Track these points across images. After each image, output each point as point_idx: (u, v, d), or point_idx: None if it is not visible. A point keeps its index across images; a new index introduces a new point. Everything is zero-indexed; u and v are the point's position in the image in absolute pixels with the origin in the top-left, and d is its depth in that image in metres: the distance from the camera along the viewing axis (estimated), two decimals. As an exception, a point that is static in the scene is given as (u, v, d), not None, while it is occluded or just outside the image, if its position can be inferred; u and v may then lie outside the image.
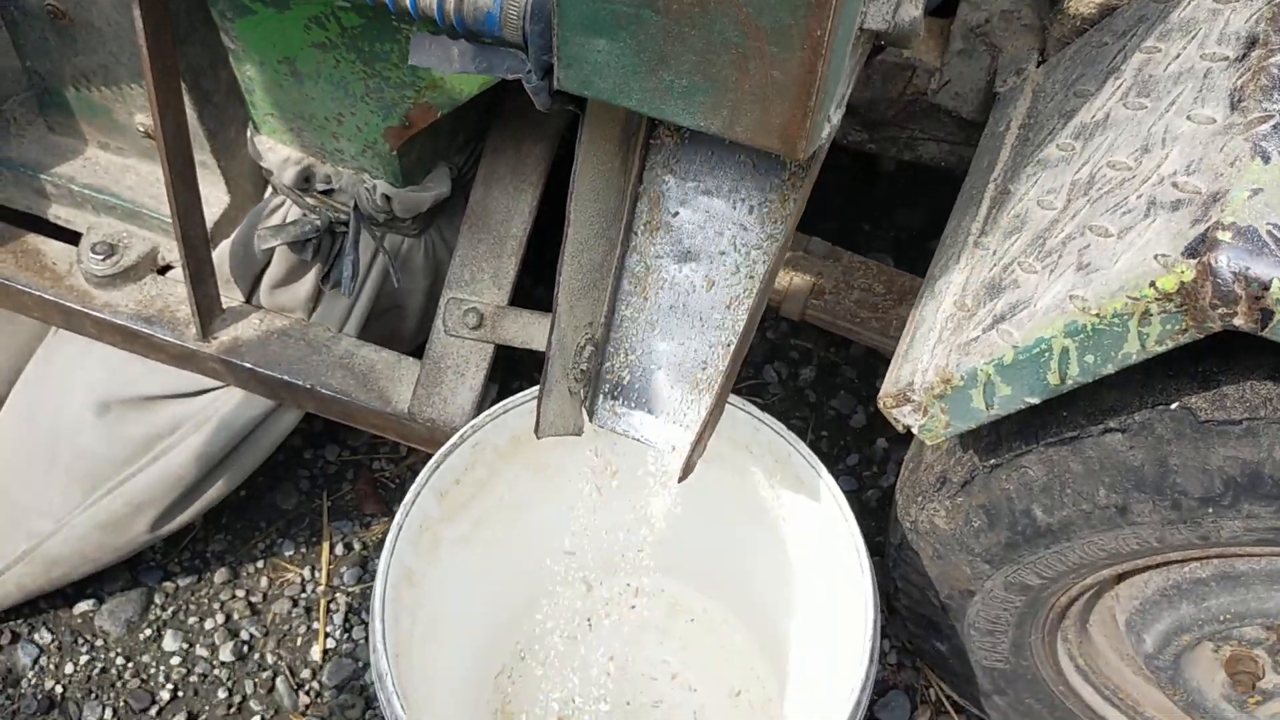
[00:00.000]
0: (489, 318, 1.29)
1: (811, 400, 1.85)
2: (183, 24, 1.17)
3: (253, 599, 1.69)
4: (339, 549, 1.73)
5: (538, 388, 1.20)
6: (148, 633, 1.66)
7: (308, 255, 1.31)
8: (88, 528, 1.48)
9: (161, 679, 1.62)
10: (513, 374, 1.74)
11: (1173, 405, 0.97)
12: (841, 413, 1.83)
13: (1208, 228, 0.77)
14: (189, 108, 1.22)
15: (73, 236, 1.49)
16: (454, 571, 1.36)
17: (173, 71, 1.09)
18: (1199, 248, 0.76)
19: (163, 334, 1.35)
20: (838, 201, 2.01)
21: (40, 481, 1.47)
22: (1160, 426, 0.97)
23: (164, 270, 1.44)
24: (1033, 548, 1.12)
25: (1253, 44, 0.91)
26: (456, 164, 1.31)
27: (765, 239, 1.08)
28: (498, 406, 1.23)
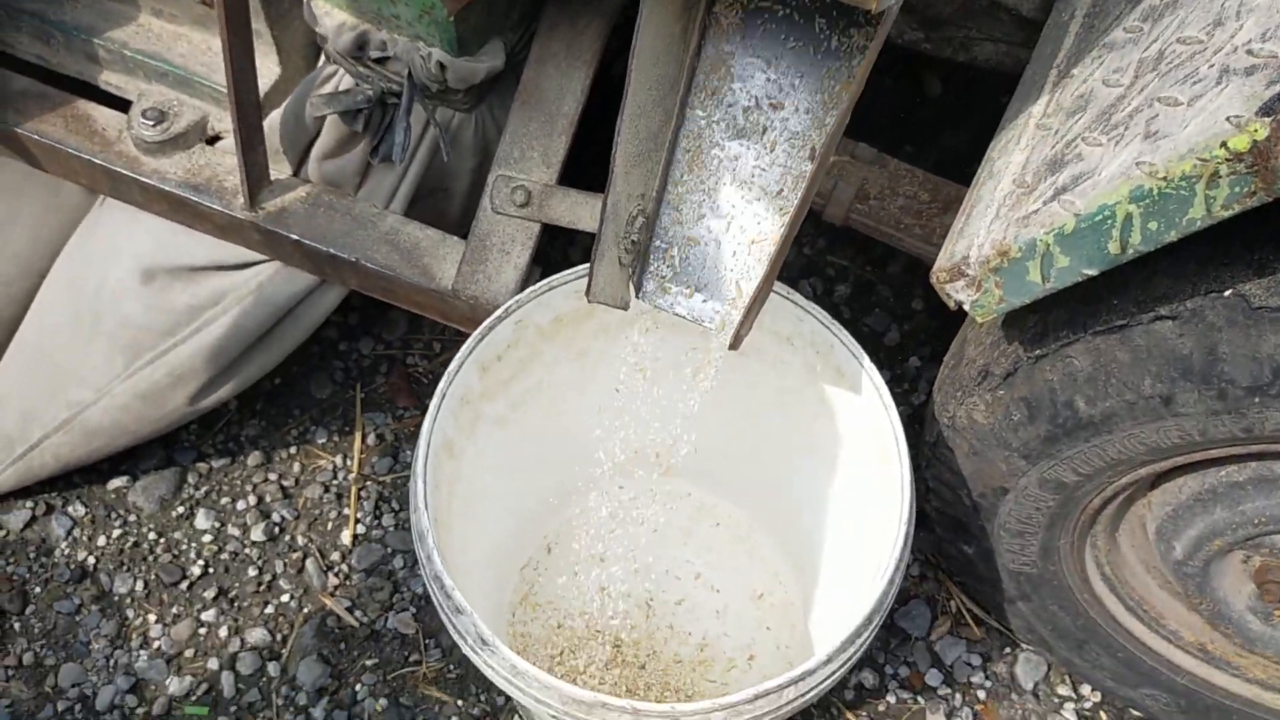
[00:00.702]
0: (536, 196, 1.29)
1: (846, 317, 1.85)
2: (243, -115, 1.17)
3: (285, 483, 1.71)
4: (371, 439, 1.75)
5: (583, 267, 1.21)
6: (180, 510, 1.69)
7: (358, 126, 1.31)
8: (128, 397, 1.50)
9: (193, 555, 1.65)
10: (556, 257, 1.75)
11: (1225, 292, 0.96)
12: (875, 330, 1.83)
13: (1284, 88, 0.76)
14: (246, -27, 1.22)
15: (123, 104, 1.49)
16: (490, 452, 1.37)
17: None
18: (1275, 105, 0.75)
19: (210, 202, 1.36)
20: (882, 122, 2.00)
21: (83, 349, 1.48)
22: (1212, 313, 0.97)
23: (212, 141, 1.44)
24: (1072, 441, 1.13)
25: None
26: (511, 41, 1.31)
27: (821, 119, 1.07)
28: (542, 284, 1.23)
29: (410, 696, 1.54)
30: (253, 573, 1.63)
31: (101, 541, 1.66)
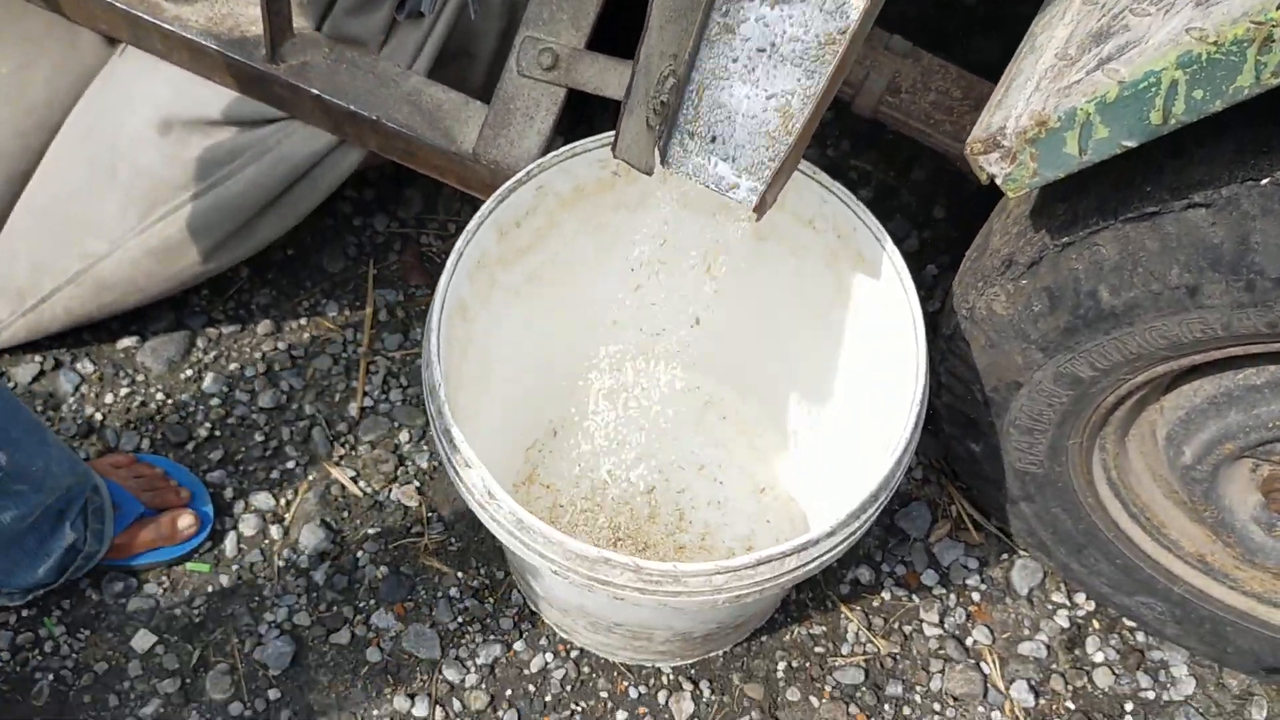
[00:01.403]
0: (564, 59, 1.26)
1: (865, 221, 1.83)
2: None
3: (294, 353, 1.71)
4: (382, 315, 1.74)
5: (607, 134, 1.19)
6: (188, 373, 1.69)
7: (386, -21, 1.29)
8: (140, 252, 1.49)
9: (200, 417, 1.65)
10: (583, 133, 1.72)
11: (1263, 180, 0.95)
12: (896, 236, 1.78)
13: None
14: None
15: (145, -49, 1.46)
16: (504, 322, 1.36)
17: None
18: (1337, -34, 0.73)
19: (231, 53, 1.33)
20: (911, 29, 1.96)
21: (97, 200, 1.47)
22: (1247, 202, 0.96)
23: (236, -9, 1.42)
24: (1092, 334, 1.12)
25: None
26: (545, -102, 1.28)
27: (862, -13, 1.04)
28: (565, 149, 1.21)
29: (411, 566, 1.56)
30: (259, 438, 1.64)
31: (109, 399, 1.66)
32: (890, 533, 1.60)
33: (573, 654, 1.51)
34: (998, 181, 0.97)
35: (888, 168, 1.86)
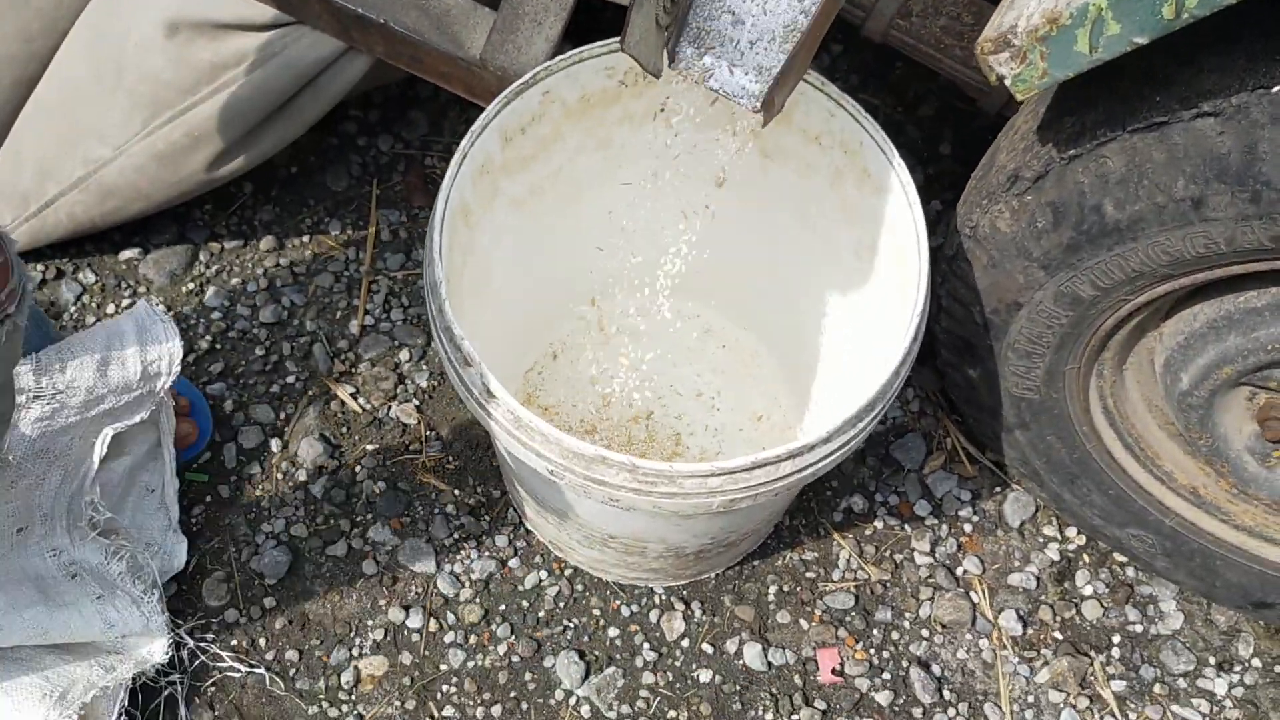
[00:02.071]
0: (575, -36, 1.26)
1: (871, 156, 1.82)
2: None
3: (296, 269, 1.71)
4: (384, 234, 1.74)
5: (614, 40, 1.18)
6: (190, 286, 1.69)
7: (397, -121, 1.27)
8: (145, 157, 1.49)
9: (201, 330, 1.66)
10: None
11: (1274, 89, 0.94)
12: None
13: None
14: None
15: None
16: (506, 234, 1.36)
17: None
18: None
19: (240, -46, 1.33)
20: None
21: (103, 104, 1.46)
22: (1256, 110, 0.95)
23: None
24: (1094, 250, 1.12)
25: None
26: None
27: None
28: (571, 54, 1.21)
29: (408, 483, 1.57)
30: (260, 352, 1.64)
31: (110, 309, 1.67)
32: (885, 463, 1.61)
33: (566, 572, 1.52)
34: (1006, 82, 0.96)
35: (896, 103, 1.85)
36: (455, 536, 1.53)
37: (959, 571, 1.54)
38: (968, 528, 1.57)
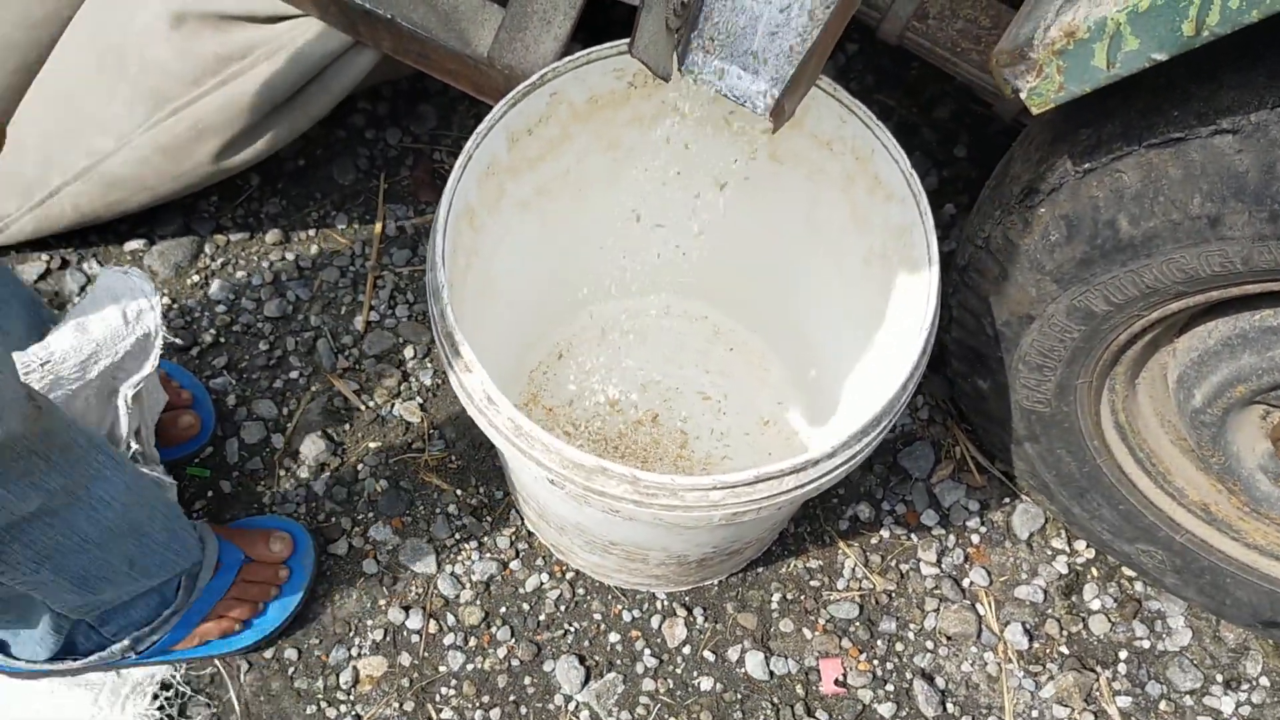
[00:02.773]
0: (584, -37, 1.23)
1: (885, 158, 1.80)
2: None
3: (302, 264, 1.69)
4: (391, 229, 1.73)
5: (624, 41, 1.16)
6: (195, 279, 1.68)
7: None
8: (149, 149, 1.47)
9: (205, 324, 1.65)
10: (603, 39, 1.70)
11: (1296, 107, 0.92)
12: (916, 172, 1.78)
13: None
14: None
15: None
16: (511, 236, 1.34)
17: None
18: None
19: (247, -53, 1.31)
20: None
21: (106, 94, 1.45)
22: (1276, 129, 0.93)
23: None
24: (1108, 265, 1.09)
25: None
26: None
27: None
28: (580, 55, 1.19)
29: (410, 481, 1.56)
30: (263, 346, 1.63)
31: (115, 301, 1.65)
32: (892, 471, 1.59)
33: (568, 575, 1.51)
34: (1021, 96, 0.94)
35: (911, 104, 1.82)
36: (457, 537, 1.52)
37: (965, 583, 1.52)
38: (975, 538, 1.55)
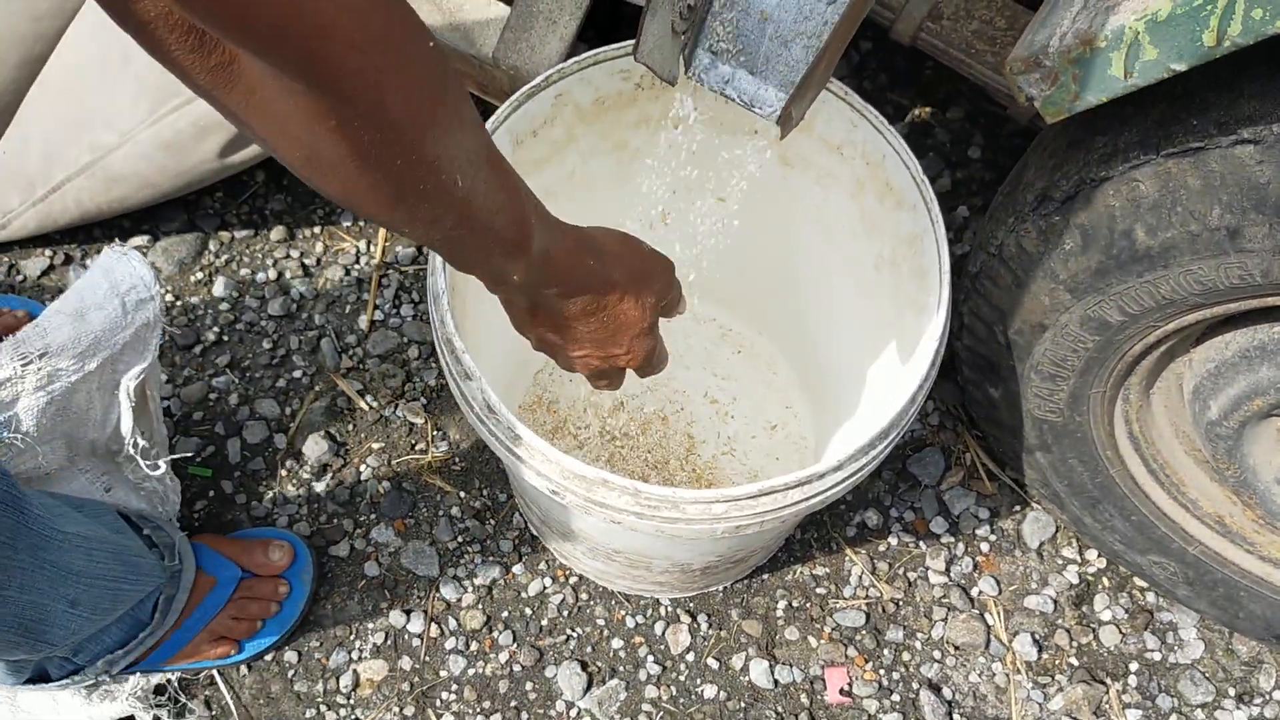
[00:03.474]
0: (591, -38, 1.21)
1: (897, 158, 1.77)
2: None
3: (306, 261, 1.68)
4: (396, 228, 1.71)
5: (630, 42, 1.14)
6: (199, 276, 1.66)
7: None
8: (151, 145, 1.46)
9: (209, 321, 1.63)
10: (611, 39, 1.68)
11: (1320, 118, 0.89)
12: (929, 174, 1.73)
13: None
14: None
15: None
16: (515, 237, 1.32)
17: None
18: None
19: (249, -58, 1.29)
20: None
21: (110, 87, 1.44)
22: (1300, 140, 0.90)
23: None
24: (1124, 275, 1.07)
25: None
26: None
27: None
28: (585, 56, 1.16)
29: (413, 483, 1.54)
30: (267, 345, 1.62)
31: (118, 298, 1.64)
32: (901, 477, 1.56)
33: (571, 580, 1.49)
34: (1036, 104, 0.92)
35: (925, 104, 1.79)
36: (459, 540, 1.51)
37: (974, 592, 1.50)
38: (985, 547, 1.53)
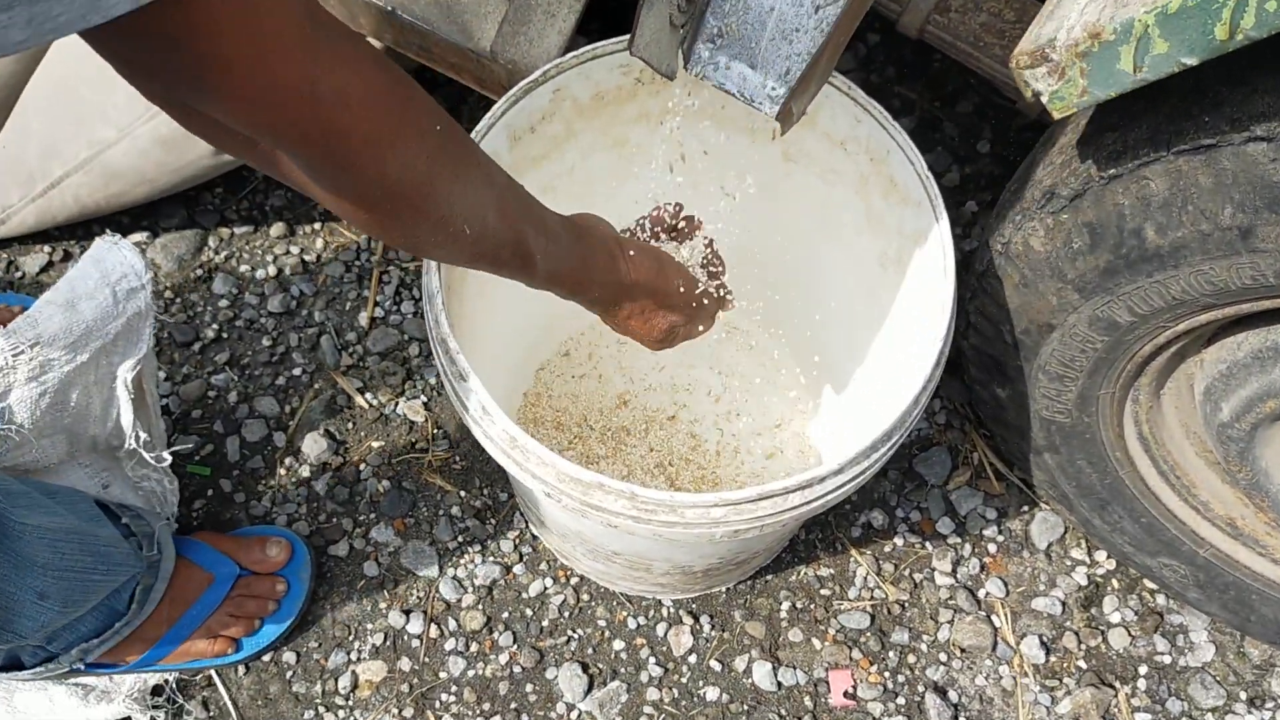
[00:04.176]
0: (590, -45, 1.19)
1: (905, 153, 1.75)
2: None
3: (306, 258, 1.66)
4: (397, 223, 1.69)
5: (626, 37, 1.12)
6: (198, 273, 1.65)
7: None
8: (148, 141, 1.44)
9: (208, 319, 1.62)
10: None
11: (1336, 114, 0.86)
12: (937, 169, 1.73)
13: None
14: None
15: None
16: (514, 234, 1.30)
17: None
18: None
19: (245, -65, 1.27)
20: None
21: (108, 83, 1.42)
22: (1315, 137, 0.88)
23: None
24: (1133, 275, 1.04)
25: None
26: None
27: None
28: (584, 51, 1.14)
29: (413, 482, 1.53)
30: (266, 342, 1.60)
31: (118, 295, 1.63)
32: (907, 477, 1.54)
33: (572, 581, 1.48)
34: (1043, 99, 0.89)
35: (933, 98, 1.77)
36: (459, 540, 1.49)
37: (981, 594, 1.48)
38: (992, 548, 1.51)
